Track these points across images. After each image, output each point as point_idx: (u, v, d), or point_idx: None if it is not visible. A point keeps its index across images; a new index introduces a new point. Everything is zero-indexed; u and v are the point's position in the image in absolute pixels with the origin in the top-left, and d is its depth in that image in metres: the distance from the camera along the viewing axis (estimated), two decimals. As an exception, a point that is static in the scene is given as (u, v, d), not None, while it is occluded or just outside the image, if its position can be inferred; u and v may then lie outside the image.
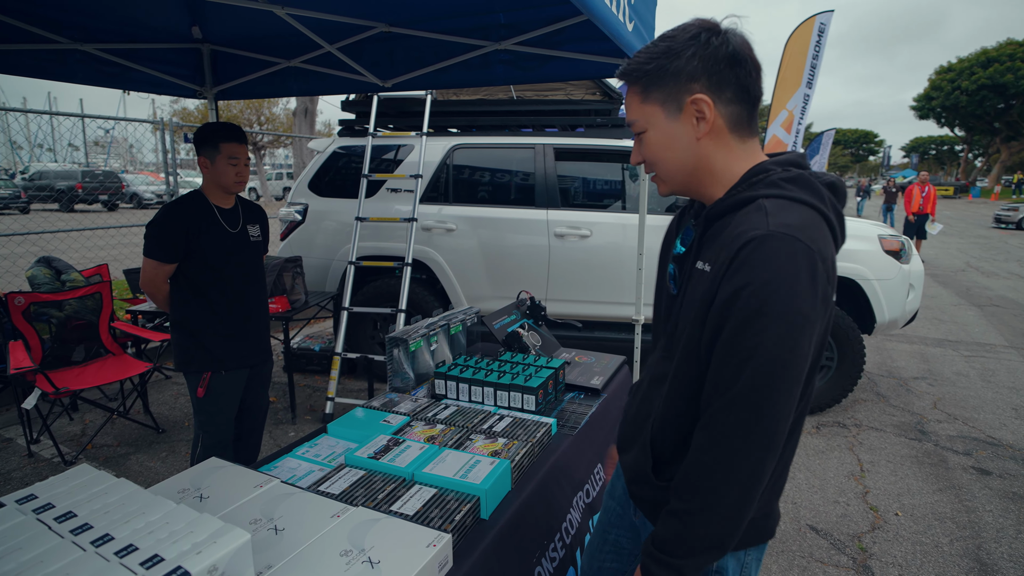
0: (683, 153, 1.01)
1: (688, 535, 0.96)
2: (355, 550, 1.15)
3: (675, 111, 0.99)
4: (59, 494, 1.15)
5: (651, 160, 1.04)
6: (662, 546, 1.00)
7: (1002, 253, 13.43)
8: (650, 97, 1.00)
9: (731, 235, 0.92)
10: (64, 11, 2.83)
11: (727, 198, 0.99)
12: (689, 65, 0.95)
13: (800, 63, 11.67)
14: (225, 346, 2.47)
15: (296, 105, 11.21)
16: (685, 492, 0.97)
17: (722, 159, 1.01)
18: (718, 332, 0.92)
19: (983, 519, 2.94)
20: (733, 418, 0.91)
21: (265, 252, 2.76)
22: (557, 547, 1.67)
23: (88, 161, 24.26)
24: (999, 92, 38.02)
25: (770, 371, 0.87)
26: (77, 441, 3.74)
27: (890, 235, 4.14)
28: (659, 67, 0.97)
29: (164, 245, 2.32)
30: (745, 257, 0.88)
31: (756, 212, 0.92)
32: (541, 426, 1.86)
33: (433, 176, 4.60)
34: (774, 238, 0.86)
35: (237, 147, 2.39)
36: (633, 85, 1.02)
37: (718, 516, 0.94)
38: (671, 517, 0.99)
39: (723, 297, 0.90)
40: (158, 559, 0.92)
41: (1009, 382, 4.91)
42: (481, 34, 3.11)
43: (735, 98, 0.97)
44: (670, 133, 1.00)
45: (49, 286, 4.01)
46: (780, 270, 0.85)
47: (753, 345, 0.87)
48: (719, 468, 0.93)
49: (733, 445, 0.91)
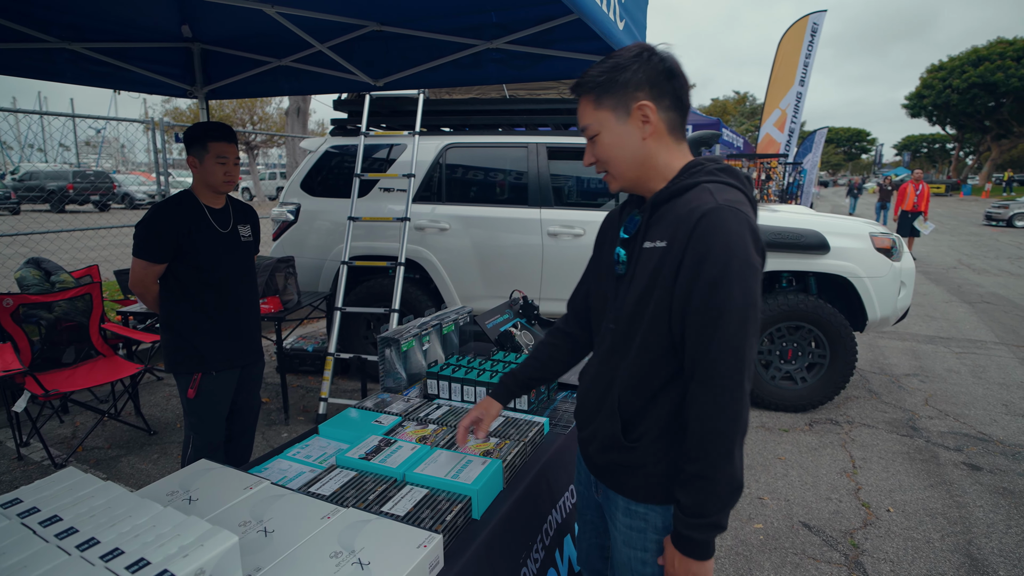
0: (632, 151, 1.17)
1: (715, 489, 1.08)
2: (345, 551, 1.15)
3: (624, 116, 1.15)
4: (45, 498, 1.14)
5: (604, 159, 1.20)
6: (694, 511, 1.10)
7: (993, 250, 13.53)
8: (602, 104, 1.16)
9: (683, 212, 1.09)
10: (52, 10, 2.80)
11: (671, 186, 1.16)
12: (635, 77, 1.13)
13: (793, 62, 11.74)
14: (215, 347, 2.45)
15: (289, 104, 11.16)
16: (699, 453, 1.09)
17: (664, 156, 1.18)
18: (689, 293, 1.07)
19: (974, 514, 2.96)
20: (723, 366, 1.05)
21: (256, 252, 2.74)
22: (539, 548, 1.67)
23: (79, 161, 24.07)
24: (989, 90, 38.28)
25: (741, 320, 1.05)
26: (68, 443, 3.71)
27: (881, 233, 4.16)
28: (609, 79, 1.14)
29: (153, 245, 2.30)
30: (705, 226, 1.05)
31: (703, 193, 1.10)
32: (533, 425, 1.86)
33: (426, 175, 4.59)
34: (723, 210, 1.05)
35: (226, 146, 2.36)
36: (587, 95, 1.18)
37: (731, 458, 1.07)
38: (691, 482, 1.10)
39: (693, 260, 1.06)
40: (144, 563, 0.92)
41: (999, 378, 4.95)
42: (473, 33, 3.10)
43: (671, 106, 1.16)
44: (620, 134, 1.17)
45: (38, 287, 3.98)
46: (732, 234, 1.04)
47: (725, 297, 1.04)
48: (723, 414, 1.06)
49: (728, 389, 1.05)
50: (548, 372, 1.55)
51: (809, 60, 11.62)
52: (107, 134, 26.05)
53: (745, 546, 2.71)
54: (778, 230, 4.03)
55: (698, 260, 1.05)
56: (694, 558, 1.12)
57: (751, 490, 3.18)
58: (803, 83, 11.75)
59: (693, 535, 1.10)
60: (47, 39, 2.96)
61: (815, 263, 4.05)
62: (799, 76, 11.69)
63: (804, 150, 14.99)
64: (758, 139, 12.47)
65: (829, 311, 4.03)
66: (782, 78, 11.80)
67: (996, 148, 44.38)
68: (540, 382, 1.58)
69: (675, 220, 1.10)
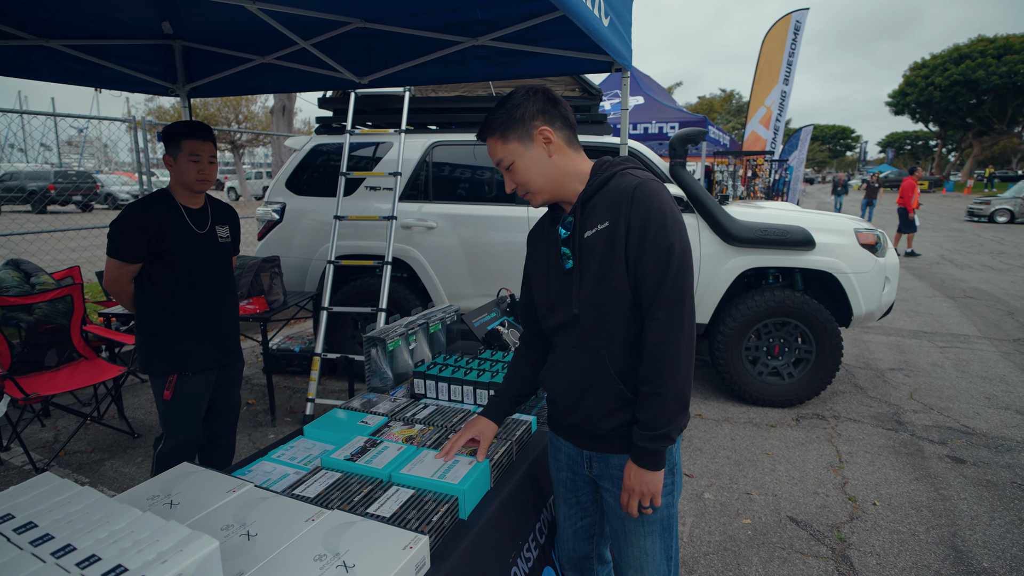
0: (543, 169, 1.38)
1: (666, 403, 1.29)
2: (330, 554, 1.13)
3: (529, 142, 1.36)
4: (20, 504, 1.11)
5: (523, 182, 1.39)
6: (648, 424, 1.31)
7: (975, 246, 13.71)
8: (509, 139, 1.36)
9: (616, 193, 1.32)
10: (27, 6, 2.74)
11: (592, 182, 1.37)
12: (529, 111, 1.35)
13: (777, 60, 11.80)
14: (191, 348, 2.41)
15: (274, 103, 11.06)
16: (652, 375, 1.29)
17: (571, 165, 1.40)
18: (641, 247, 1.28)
19: (958, 507, 3.00)
20: (669, 300, 1.27)
21: (236, 253, 2.70)
22: (531, 547, 1.66)
23: (61, 161, 23.71)
24: (971, 88, 38.72)
25: (681, 261, 1.28)
26: (49, 448, 3.65)
27: (866, 229, 4.20)
28: (509, 117, 1.36)
29: (128, 245, 2.25)
30: (640, 195, 1.29)
31: (623, 176, 1.34)
32: (520, 424, 1.85)
33: (413, 173, 4.56)
34: (648, 182, 1.31)
35: (199, 144, 2.32)
36: (493, 135, 1.38)
37: (680, 379, 1.28)
38: (646, 400, 1.31)
39: (637, 223, 1.28)
40: (121, 569, 0.90)
41: (982, 372, 5.01)
42: (458, 30, 3.08)
43: (563, 125, 1.39)
44: (531, 158, 1.37)
45: (18, 289, 3.91)
46: (661, 198, 1.30)
47: (669, 245, 1.27)
48: (671, 343, 1.27)
49: (674, 321, 1.27)
50: (533, 386, 1.66)
51: (793, 58, 11.69)
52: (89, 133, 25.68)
53: (733, 541, 2.72)
54: (764, 227, 4.05)
55: (642, 218, 1.28)
56: (648, 468, 1.33)
57: (739, 485, 3.20)
58: (787, 81, 11.83)
59: (648, 446, 1.31)
60: (23, 36, 2.90)
61: (801, 259, 4.07)
62: (783, 74, 11.76)
63: (790, 147, 15.10)
64: (744, 137, 12.53)
65: (815, 307, 4.06)
66: (767, 76, 11.87)
67: (978, 145, 44.96)
68: (527, 396, 1.68)
69: (610, 202, 1.32)
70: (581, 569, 1.69)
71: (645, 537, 1.44)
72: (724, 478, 3.28)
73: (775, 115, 12.02)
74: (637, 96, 8.64)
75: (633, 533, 1.45)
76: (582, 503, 1.59)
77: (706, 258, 4.15)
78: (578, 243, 1.36)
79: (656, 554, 1.45)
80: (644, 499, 1.36)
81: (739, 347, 4.19)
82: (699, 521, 2.88)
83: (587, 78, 4.77)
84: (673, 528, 1.48)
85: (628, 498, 1.38)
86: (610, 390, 1.38)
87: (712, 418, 4.11)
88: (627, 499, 1.38)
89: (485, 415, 1.63)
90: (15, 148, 22.32)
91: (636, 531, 1.45)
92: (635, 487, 1.35)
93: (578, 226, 1.37)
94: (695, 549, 2.66)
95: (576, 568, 1.69)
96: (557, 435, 1.58)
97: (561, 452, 1.58)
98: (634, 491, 1.36)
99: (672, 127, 8.06)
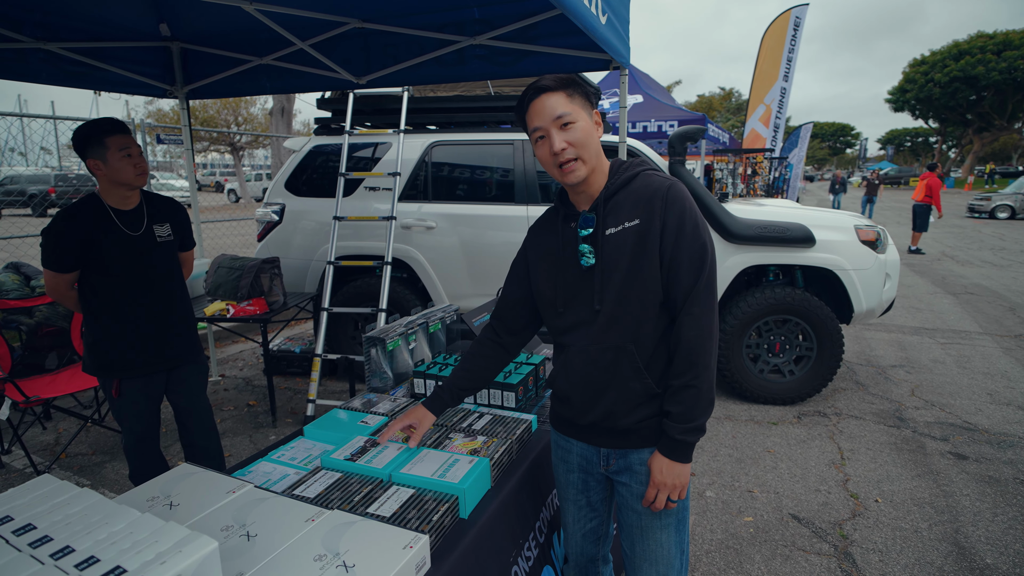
0: (596, 142, 1.38)
1: (701, 395, 1.32)
2: (329, 554, 1.13)
3: (589, 112, 1.38)
4: (18, 506, 1.11)
5: (581, 142, 1.34)
6: (683, 417, 1.33)
7: (976, 242, 13.70)
8: (574, 99, 1.36)
9: (646, 193, 1.35)
10: (24, 8, 2.75)
11: (616, 180, 1.39)
12: (585, 91, 1.38)
13: (777, 57, 11.79)
14: (130, 353, 2.36)
15: (273, 105, 11.07)
16: (687, 368, 1.33)
17: (603, 156, 1.43)
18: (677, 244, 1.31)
19: (961, 503, 2.99)
20: (703, 296, 1.32)
21: (187, 248, 2.63)
22: (531, 546, 1.66)
23: (61, 165, 23.72)
24: (971, 84, 38.69)
25: (713, 259, 1.35)
26: (51, 450, 3.65)
27: (866, 225, 4.19)
28: (580, 85, 1.37)
29: (57, 255, 2.20)
30: (674, 196, 1.33)
31: (651, 177, 1.38)
32: (521, 423, 1.85)
33: (412, 174, 4.56)
34: (676, 185, 1.35)
35: (124, 138, 2.20)
36: (561, 90, 1.36)
37: (711, 372, 1.33)
38: (679, 393, 1.34)
39: (674, 221, 1.32)
40: (120, 570, 0.89)
41: (984, 368, 5.00)
42: (455, 29, 3.08)
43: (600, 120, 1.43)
44: (590, 124, 1.37)
45: (18, 292, 3.91)
46: (691, 201, 1.35)
47: (704, 242, 1.33)
48: (705, 336, 1.32)
49: (707, 316, 1.32)
50: (480, 382, 1.65)
51: (792, 55, 11.68)
52: (89, 137, 25.61)
53: (735, 539, 2.71)
54: (764, 224, 4.05)
55: (679, 217, 1.31)
56: (682, 461, 1.35)
57: (740, 483, 3.19)
58: (787, 78, 11.82)
59: (686, 438, 1.33)
60: (20, 38, 2.90)
61: (801, 256, 4.07)
62: (783, 71, 11.75)
63: (790, 145, 15.08)
64: (744, 135, 12.52)
65: (816, 304, 4.05)
66: (766, 73, 11.86)
67: (978, 141, 44.93)
68: (470, 392, 1.65)
69: (640, 200, 1.35)
70: (586, 572, 1.69)
71: (662, 531, 1.45)
72: (726, 476, 3.28)
73: (775, 112, 12.01)
74: (636, 94, 8.64)
75: (650, 527, 1.45)
76: (592, 504, 1.59)
77: (706, 256, 4.14)
78: (600, 240, 1.37)
79: (671, 547, 1.46)
80: (674, 492, 1.37)
81: (740, 345, 4.19)
82: (701, 519, 2.87)
83: (585, 76, 4.76)
84: (687, 521, 1.48)
85: (656, 493, 1.38)
86: (636, 384, 1.39)
87: (713, 416, 4.10)
88: (655, 494, 1.38)
89: (426, 405, 1.62)
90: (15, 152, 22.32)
91: (653, 525, 1.45)
92: (667, 480, 1.36)
93: (600, 223, 1.37)
94: (697, 547, 2.66)
95: (582, 571, 1.69)
96: (568, 436, 1.56)
97: (572, 454, 1.56)
98: (665, 485, 1.36)
99: (671, 125, 8.05)
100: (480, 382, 1.65)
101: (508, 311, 1.59)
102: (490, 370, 1.64)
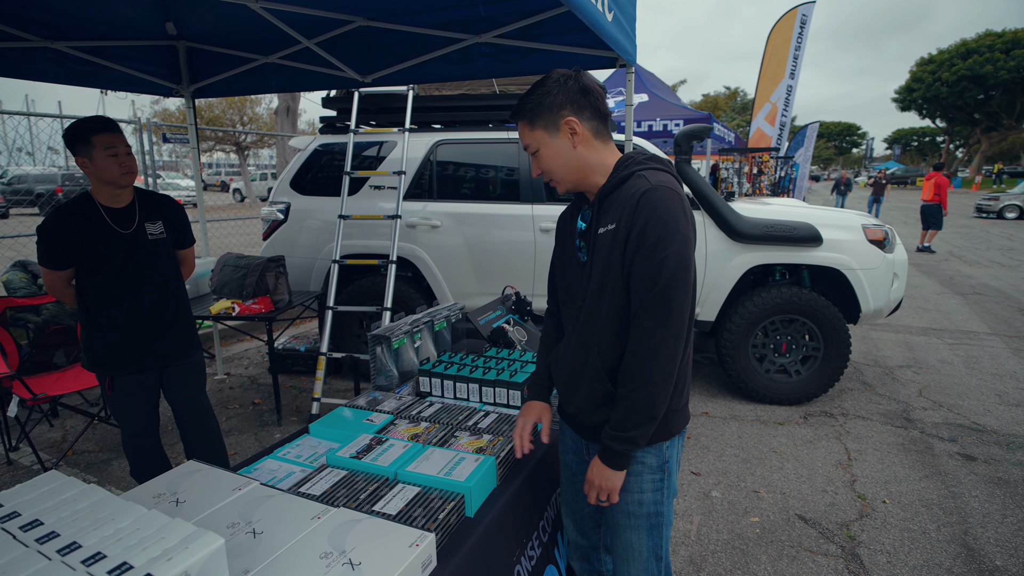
0: (566, 159, 1.38)
1: (635, 408, 1.30)
2: (335, 552, 1.13)
3: (555, 131, 1.36)
4: (25, 502, 1.11)
5: (547, 169, 1.40)
6: (616, 425, 1.33)
7: (984, 242, 13.61)
8: (536, 125, 1.37)
9: (626, 196, 1.30)
10: (31, 8, 2.76)
11: (611, 180, 1.37)
12: (557, 99, 1.35)
13: (783, 55, 11.74)
14: (121, 352, 2.37)
15: (278, 104, 11.09)
16: (627, 379, 1.31)
17: (596, 157, 1.39)
18: (635, 256, 1.27)
19: (969, 505, 2.97)
20: (655, 311, 1.26)
21: (184, 246, 2.62)
22: (535, 545, 1.65)
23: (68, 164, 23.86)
24: (979, 83, 38.39)
25: (674, 275, 1.25)
26: (58, 448, 3.67)
27: (874, 224, 4.16)
28: (538, 104, 1.36)
29: (49, 252, 2.21)
30: (644, 203, 1.26)
31: (639, 179, 1.32)
32: (527, 421, 1.84)
33: (417, 172, 4.56)
34: (658, 189, 1.27)
35: (111, 136, 2.19)
36: (523, 120, 1.39)
37: (652, 388, 1.29)
38: (620, 402, 1.33)
39: (636, 231, 1.26)
40: (127, 567, 0.89)
41: (992, 369, 4.96)
42: (461, 27, 3.08)
43: (592, 116, 1.38)
44: (555, 147, 1.37)
45: (25, 290, 3.93)
46: (667, 208, 1.26)
47: (663, 258, 1.25)
48: (649, 351, 1.28)
49: (657, 332, 1.27)
50: None
51: (799, 53, 11.63)
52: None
53: (742, 540, 2.70)
54: (771, 223, 4.03)
55: (641, 229, 1.26)
56: (611, 467, 1.36)
57: (746, 483, 3.18)
58: (793, 76, 11.76)
59: (613, 445, 1.34)
60: (28, 37, 2.91)
61: (808, 256, 4.04)
62: (789, 69, 11.69)
63: (796, 144, 15.02)
64: (749, 134, 12.47)
65: (823, 304, 4.03)
66: (772, 72, 11.81)
67: (986, 140, 44.60)
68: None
69: (620, 204, 1.32)
70: (589, 559, 1.71)
71: (631, 531, 1.46)
72: (732, 476, 3.26)
73: (780, 111, 11.95)
74: (641, 93, 8.62)
75: (620, 524, 1.48)
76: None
77: (712, 255, 4.13)
78: (593, 238, 1.39)
79: (642, 550, 1.47)
80: (603, 494, 1.39)
81: (746, 344, 4.17)
82: (707, 519, 2.86)
83: (591, 74, 4.75)
84: (663, 527, 1.47)
85: (588, 488, 1.42)
86: (598, 385, 1.40)
87: (719, 416, 4.09)
88: (587, 488, 1.42)
89: (534, 398, 1.66)
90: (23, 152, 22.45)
91: (623, 523, 1.47)
92: (594, 480, 1.40)
93: (594, 221, 1.39)
94: (703, 547, 2.65)
95: (584, 558, 1.71)
96: (563, 422, 1.63)
97: (567, 436, 1.63)
98: (592, 483, 1.40)
99: (677, 124, 8.03)
100: None
101: (554, 288, 1.64)
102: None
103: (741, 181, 9.24)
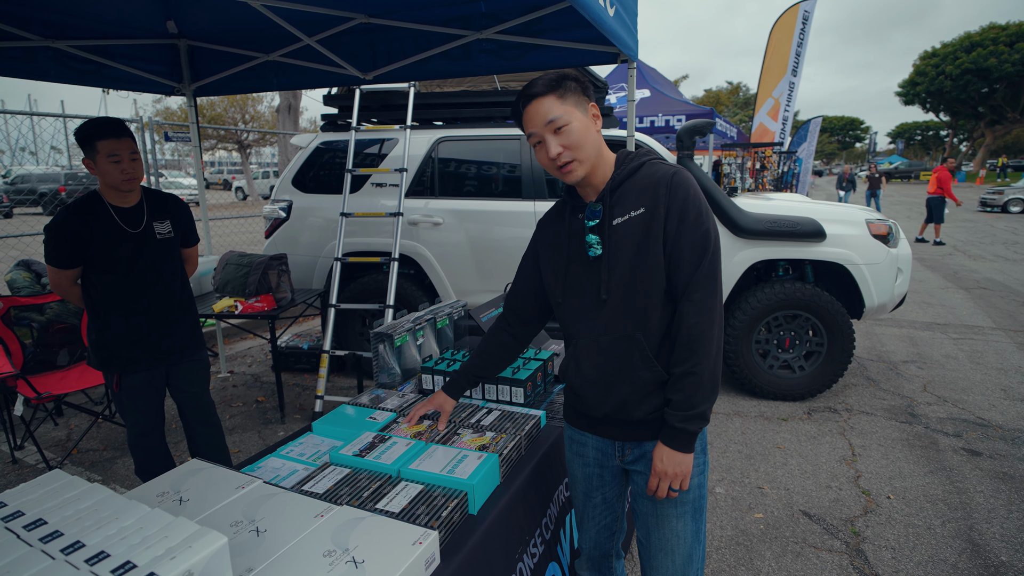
0: (593, 139, 1.37)
1: (700, 382, 1.31)
2: (339, 550, 1.12)
3: (584, 110, 1.36)
4: (29, 501, 1.11)
5: (576, 144, 1.34)
6: (685, 405, 1.32)
7: (988, 236, 13.55)
8: (566, 99, 1.34)
9: (648, 182, 1.35)
10: (32, 7, 2.76)
11: (621, 170, 1.40)
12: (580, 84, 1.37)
13: (785, 51, 11.68)
14: (130, 349, 2.38)
15: (280, 102, 11.09)
16: (687, 355, 1.32)
17: (604, 149, 1.42)
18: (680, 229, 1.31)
19: (974, 500, 2.96)
20: (706, 282, 1.31)
21: (190, 245, 2.64)
22: (537, 543, 1.65)
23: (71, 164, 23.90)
24: (983, 76, 38.17)
25: (716, 245, 1.34)
26: (62, 446, 3.68)
27: (877, 219, 4.14)
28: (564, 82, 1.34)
29: (57, 251, 2.22)
30: (677, 183, 1.33)
31: (656, 166, 1.38)
32: (530, 419, 1.84)
33: (418, 170, 4.55)
34: (680, 172, 1.35)
35: (114, 143, 2.20)
36: (551, 93, 1.34)
37: (713, 359, 1.32)
38: (679, 380, 1.33)
39: (677, 207, 1.32)
40: (130, 566, 0.89)
41: (997, 363, 4.95)
42: (462, 23, 3.07)
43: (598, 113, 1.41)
44: (586, 123, 1.36)
45: (29, 290, 3.94)
46: (696, 187, 1.35)
47: (707, 228, 1.32)
48: (707, 322, 1.31)
49: (708, 302, 1.31)
50: (493, 369, 1.74)
51: (801, 48, 11.57)
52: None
53: (746, 536, 2.70)
54: (774, 218, 4.01)
55: (681, 203, 1.31)
56: (682, 451, 1.34)
57: (750, 480, 3.17)
58: (796, 72, 11.71)
59: (686, 427, 1.32)
60: (29, 37, 2.91)
61: (811, 251, 4.03)
62: (791, 64, 11.64)
63: (799, 139, 14.96)
64: (751, 129, 12.43)
65: (826, 299, 4.02)
66: (774, 67, 11.75)
67: (990, 134, 44.38)
68: (484, 378, 1.77)
69: (646, 188, 1.35)
70: (600, 568, 1.68)
71: (677, 519, 1.43)
72: (735, 472, 3.26)
73: (783, 106, 11.90)
74: (643, 89, 8.59)
75: (665, 515, 1.44)
76: (608, 499, 1.58)
77: (715, 251, 4.12)
78: (607, 231, 1.38)
79: (687, 536, 1.44)
80: (675, 482, 1.35)
81: (749, 340, 4.16)
82: (710, 515, 2.86)
83: (592, 70, 4.74)
84: (704, 508, 1.47)
85: (658, 482, 1.37)
86: (647, 373, 1.38)
87: (722, 412, 4.08)
88: (656, 483, 1.38)
89: (445, 391, 1.74)
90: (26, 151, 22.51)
91: (668, 513, 1.43)
92: (667, 470, 1.35)
93: (607, 213, 1.38)
94: (707, 544, 2.64)
95: (595, 567, 1.68)
96: (583, 431, 1.55)
97: (588, 447, 1.55)
98: (666, 474, 1.35)
99: (679, 120, 8.00)
100: (493, 369, 1.73)
101: (518, 302, 1.64)
102: (503, 358, 1.71)
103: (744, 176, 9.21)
